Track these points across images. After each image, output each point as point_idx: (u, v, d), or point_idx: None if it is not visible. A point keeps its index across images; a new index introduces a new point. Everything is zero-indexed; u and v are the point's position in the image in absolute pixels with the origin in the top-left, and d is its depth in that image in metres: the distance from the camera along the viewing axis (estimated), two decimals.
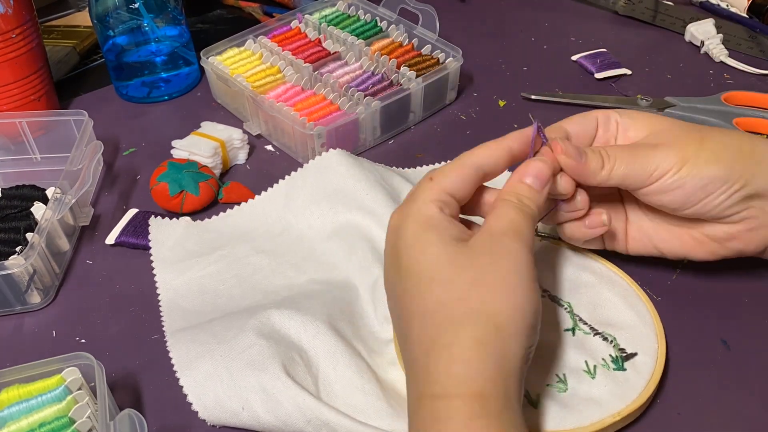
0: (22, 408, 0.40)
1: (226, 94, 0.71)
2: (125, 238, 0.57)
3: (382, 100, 0.64)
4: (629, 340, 0.46)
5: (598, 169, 0.44)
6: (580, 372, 0.44)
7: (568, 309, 0.48)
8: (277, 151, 0.67)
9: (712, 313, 0.50)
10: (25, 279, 0.51)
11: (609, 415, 0.42)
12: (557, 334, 0.46)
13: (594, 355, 0.45)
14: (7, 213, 0.57)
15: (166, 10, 0.70)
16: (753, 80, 0.74)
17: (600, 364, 0.44)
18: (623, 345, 0.45)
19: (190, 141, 0.63)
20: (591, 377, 0.44)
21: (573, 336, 0.46)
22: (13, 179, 0.62)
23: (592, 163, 0.44)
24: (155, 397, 0.46)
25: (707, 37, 0.78)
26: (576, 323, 0.47)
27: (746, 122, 0.66)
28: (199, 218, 0.59)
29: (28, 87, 0.66)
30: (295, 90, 0.67)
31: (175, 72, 0.74)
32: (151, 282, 0.54)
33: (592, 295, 0.49)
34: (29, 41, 0.64)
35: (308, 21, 0.75)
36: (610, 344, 0.46)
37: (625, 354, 0.45)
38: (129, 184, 0.64)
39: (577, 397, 0.43)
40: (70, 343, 0.50)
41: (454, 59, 0.69)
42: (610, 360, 0.45)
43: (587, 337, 0.46)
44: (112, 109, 0.73)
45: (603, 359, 0.45)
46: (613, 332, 0.46)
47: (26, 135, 0.63)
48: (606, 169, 0.44)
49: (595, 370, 0.44)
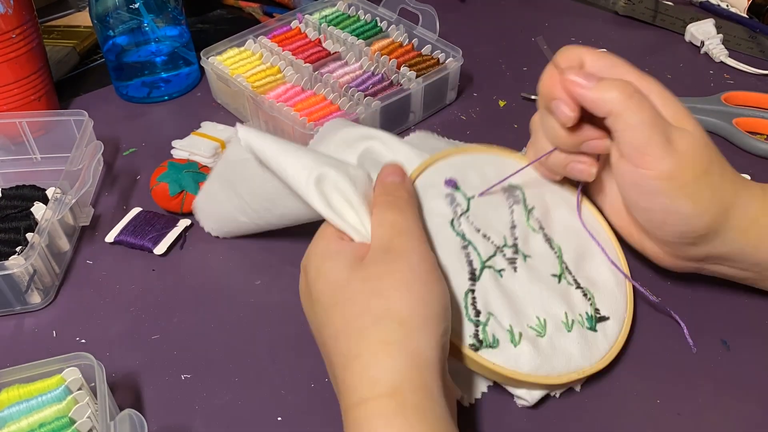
0: (22, 408, 0.40)
1: (226, 94, 0.71)
2: (124, 237, 0.57)
3: (382, 101, 0.64)
4: (604, 302, 0.47)
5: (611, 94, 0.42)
6: (558, 322, 0.45)
7: (557, 254, 0.48)
8: None
9: (712, 313, 0.50)
10: (25, 279, 0.51)
11: (574, 371, 0.44)
12: (545, 278, 0.47)
13: (573, 309, 0.46)
14: (7, 213, 0.57)
15: (166, 10, 0.70)
16: (753, 80, 0.74)
17: (577, 319, 0.45)
18: (599, 306, 0.47)
19: (190, 141, 0.63)
20: (567, 330, 0.45)
21: (558, 283, 0.47)
22: (14, 179, 0.62)
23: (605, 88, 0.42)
24: (155, 397, 0.46)
25: (707, 37, 0.78)
26: (563, 271, 0.47)
27: (746, 122, 0.66)
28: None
29: (28, 87, 0.66)
30: (295, 90, 0.67)
31: (175, 72, 0.74)
32: (151, 282, 0.54)
33: (581, 245, 0.49)
34: (29, 41, 0.64)
35: (308, 21, 0.75)
36: (588, 302, 0.46)
37: (599, 315, 0.46)
38: (129, 184, 0.64)
39: (551, 347, 0.44)
40: (70, 343, 0.50)
41: (454, 59, 0.69)
42: (585, 317, 0.46)
43: (570, 288, 0.47)
44: (112, 109, 0.73)
45: (580, 315, 0.46)
46: (593, 291, 0.47)
47: (26, 135, 0.63)
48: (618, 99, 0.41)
49: (572, 324, 0.45)
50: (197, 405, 0.46)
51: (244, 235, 0.58)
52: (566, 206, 0.51)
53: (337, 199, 0.43)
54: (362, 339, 0.37)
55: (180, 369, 0.48)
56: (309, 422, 0.45)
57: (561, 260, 0.48)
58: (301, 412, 0.45)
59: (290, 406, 0.45)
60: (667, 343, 0.47)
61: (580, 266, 0.48)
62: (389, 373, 0.35)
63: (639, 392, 0.45)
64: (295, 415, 0.45)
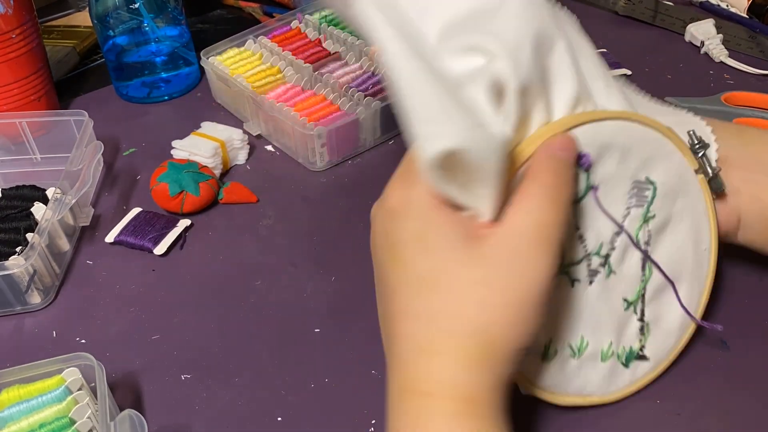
0: (23, 408, 0.40)
1: (226, 95, 0.71)
2: (124, 237, 0.57)
3: (383, 101, 0.64)
4: (654, 344, 0.44)
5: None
6: (597, 349, 0.42)
7: (644, 279, 0.43)
8: (277, 151, 0.67)
9: (712, 313, 0.50)
10: (26, 279, 0.51)
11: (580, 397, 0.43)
12: (615, 300, 0.42)
13: (619, 341, 0.43)
14: (7, 213, 0.57)
15: (166, 10, 0.70)
16: (753, 80, 0.74)
17: (617, 352, 0.43)
18: (647, 347, 0.44)
19: (191, 141, 0.63)
20: (601, 360, 0.43)
21: (624, 310, 0.43)
22: (14, 179, 0.62)
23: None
24: (155, 397, 0.46)
25: (707, 38, 0.78)
26: (637, 299, 0.43)
27: (746, 122, 0.66)
28: (200, 218, 0.59)
29: (28, 87, 0.66)
30: (295, 90, 0.67)
31: (175, 72, 0.74)
32: (151, 282, 0.54)
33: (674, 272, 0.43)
34: (29, 41, 0.64)
35: (308, 21, 0.75)
36: (639, 340, 0.44)
37: (640, 354, 0.44)
38: (129, 184, 0.64)
39: (577, 371, 0.42)
40: (70, 343, 0.50)
41: None
42: (626, 352, 0.44)
43: (632, 318, 0.43)
44: (112, 109, 0.73)
45: (623, 347, 0.43)
46: (652, 328, 0.44)
47: (26, 135, 0.63)
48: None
49: (609, 356, 0.43)
50: (197, 405, 0.46)
51: (244, 235, 0.58)
52: (691, 222, 0.44)
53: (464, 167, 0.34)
54: (446, 339, 0.35)
55: (180, 369, 0.48)
56: (309, 422, 0.44)
57: (642, 287, 0.43)
58: (301, 412, 0.45)
59: (290, 406, 0.45)
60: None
61: (657, 297, 0.44)
62: (464, 385, 0.34)
63: (639, 392, 0.45)
64: (295, 415, 0.45)
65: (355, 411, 0.45)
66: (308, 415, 0.45)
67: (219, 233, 0.59)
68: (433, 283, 0.35)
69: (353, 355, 0.48)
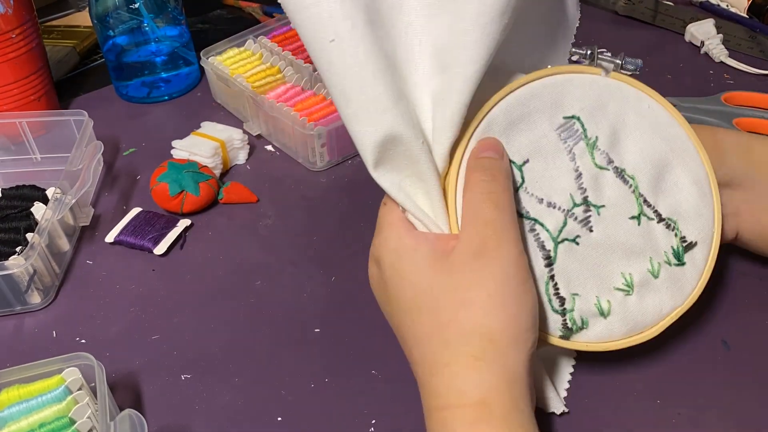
0: (22, 408, 0.40)
1: (226, 94, 0.71)
2: (124, 237, 0.57)
3: None
4: (690, 225, 0.44)
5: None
6: (644, 271, 0.43)
7: (632, 187, 0.44)
8: (277, 151, 0.67)
9: (712, 313, 0.50)
10: (25, 279, 0.51)
11: (668, 316, 0.43)
12: (623, 224, 0.43)
13: (657, 250, 0.43)
14: (7, 213, 0.57)
15: (166, 10, 0.70)
16: (753, 80, 0.74)
17: (663, 260, 0.43)
18: (685, 233, 0.44)
19: (190, 141, 0.63)
20: (654, 277, 0.43)
21: (638, 225, 0.43)
22: (14, 179, 0.62)
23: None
24: (155, 397, 0.46)
25: (707, 37, 0.78)
26: (641, 208, 0.43)
27: (746, 122, 0.66)
28: (200, 218, 0.59)
29: (28, 87, 0.66)
30: (295, 90, 0.67)
31: (175, 72, 0.74)
32: (151, 282, 0.54)
33: (659, 160, 0.44)
34: (29, 41, 0.64)
35: None
36: (672, 233, 0.44)
37: (686, 243, 0.44)
38: (129, 184, 0.64)
39: (641, 304, 0.43)
40: (70, 343, 0.50)
41: None
42: (672, 253, 0.44)
43: (651, 225, 0.43)
44: (112, 109, 0.73)
45: (665, 252, 0.43)
46: (676, 217, 0.44)
47: (26, 135, 0.63)
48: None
49: (659, 269, 0.43)
50: (197, 405, 0.46)
51: (244, 235, 0.58)
52: (635, 115, 0.44)
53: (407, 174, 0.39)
54: (449, 349, 0.36)
55: (180, 369, 0.48)
56: (309, 422, 0.44)
57: (637, 194, 0.43)
58: (301, 412, 0.45)
59: (290, 406, 0.45)
60: (668, 343, 0.47)
61: (659, 190, 0.44)
62: (477, 387, 0.35)
63: (639, 392, 0.45)
64: (295, 415, 0.45)
65: (355, 411, 0.45)
66: (308, 415, 0.45)
67: (219, 233, 0.59)
68: (418, 308, 0.38)
69: (353, 355, 0.48)
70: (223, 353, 0.49)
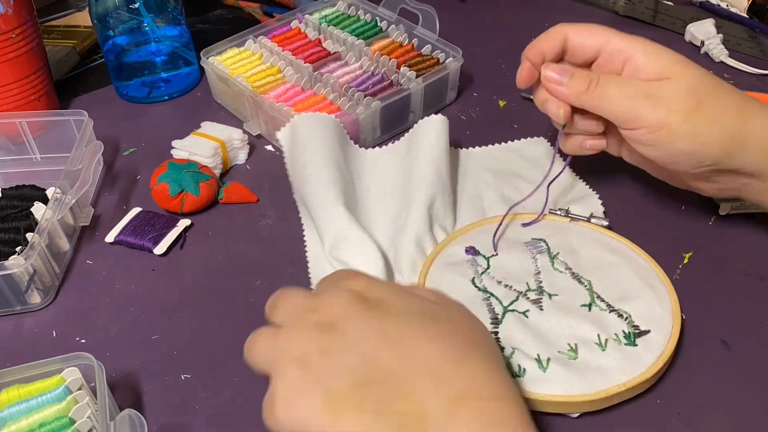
0: (22, 408, 0.40)
1: (226, 94, 0.71)
2: (124, 237, 0.57)
3: (382, 100, 0.64)
4: (644, 318, 0.46)
5: (580, 90, 0.47)
6: (591, 344, 0.45)
7: (587, 287, 0.49)
8: (277, 151, 0.67)
9: (712, 313, 0.50)
10: (25, 279, 0.51)
11: (614, 386, 0.43)
12: (574, 310, 0.47)
13: (607, 330, 0.46)
14: (7, 213, 0.57)
15: (166, 10, 0.70)
16: (753, 80, 0.74)
17: (612, 338, 0.45)
18: (637, 322, 0.46)
19: (190, 141, 0.63)
20: (601, 350, 0.44)
21: (589, 312, 0.47)
22: (13, 179, 0.62)
23: (575, 83, 0.47)
24: (155, 397, 0.46)
25: (707, 37, 0.78)
26: (593, 300, 0.48)
27: None
28: (200, 218, 0.59)
29: (28, 87, 0.66)
30: (295, 90, 0.67)
31: (175, 72, 0.74)
32: (151, 282, 0.54)
33: (613, 273, 0.50)
34: (29, 41, 0.64)
35: (308, 21, 0.75)
36: (624, 320, 0.46)
37: (638, 331, 0.46)
38: (129, 184, 0.64)
39: (585, 366, 0.43)
40: (70, 343, 0.50)
41: (454, 59, 0.69)
42: (622, 335, 0.45)
43: (603, 314, 0.47)
44: (112, 109, 0.73)
45: (615, 334, 0.45)
46: (629, 309, 0.47)
47: (26, 135, 0.63)
48: (588, 95, 0.47)
49: (606, 343, 0.45)
50: (197, 405, 0.46)
51: (244, 235, 0.58)
52: (597, 245, 0.52)
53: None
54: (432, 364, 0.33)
55: (180, 369, 0.48)
56: None
57: (591, 291, 0.48)
58: None
59: None
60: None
61: (614, 292, 0.48)
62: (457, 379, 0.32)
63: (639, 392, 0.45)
64: None
65: None
66: None
67: (219, 233, 0.59)
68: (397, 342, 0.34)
69: None
70: (223, 353, 0.49)
